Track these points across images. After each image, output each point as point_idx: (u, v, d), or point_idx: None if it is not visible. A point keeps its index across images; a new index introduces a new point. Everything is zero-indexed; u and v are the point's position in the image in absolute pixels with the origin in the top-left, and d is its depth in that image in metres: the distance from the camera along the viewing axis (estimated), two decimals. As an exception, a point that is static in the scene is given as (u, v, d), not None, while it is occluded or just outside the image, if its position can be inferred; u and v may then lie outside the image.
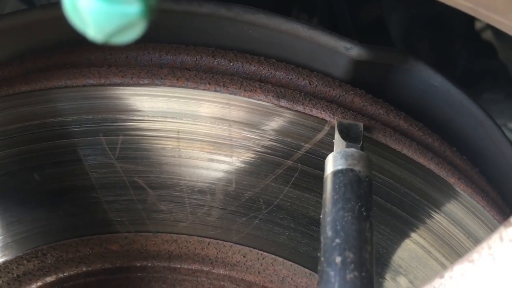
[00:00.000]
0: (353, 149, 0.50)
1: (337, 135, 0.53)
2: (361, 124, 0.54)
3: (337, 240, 0.44)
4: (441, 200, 0.59)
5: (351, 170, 0.48)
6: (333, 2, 1.14)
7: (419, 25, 1.17)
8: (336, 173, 0.49)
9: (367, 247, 0.44)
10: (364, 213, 0.46)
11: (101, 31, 0.25)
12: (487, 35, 1.25)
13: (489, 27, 1.22)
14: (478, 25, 1.25)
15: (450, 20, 1.16)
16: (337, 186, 0.48)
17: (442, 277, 0.38)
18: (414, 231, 0.61)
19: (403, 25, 1.17)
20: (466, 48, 1.24)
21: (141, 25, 0.25)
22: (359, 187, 0.48)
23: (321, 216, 0.48)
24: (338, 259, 0.42)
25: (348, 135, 0.53)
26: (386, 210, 0.60)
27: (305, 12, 1.19)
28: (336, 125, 0.54)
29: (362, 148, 0.51)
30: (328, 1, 1.17)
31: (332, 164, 0.50)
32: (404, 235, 0.61)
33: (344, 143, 0.52)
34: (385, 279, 0.65)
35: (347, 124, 0.54)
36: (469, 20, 1.20)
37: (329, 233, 0.45)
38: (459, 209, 0.59)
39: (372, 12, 1.19)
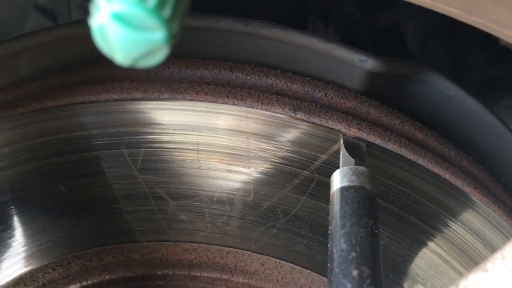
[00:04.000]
0: (363, 168, 0.52)
1: (343, 151, 0.54)
2: (364, 144, 0.56)
3: (353, 254, 0.45)
4: (458, 209, 0.60)
5: (363, 187, 0.50)
6: (348, 11, 1.15)
7: (435, 32, 1.17)
8: (348, 189, 0.50)
9: (380, 263, 0.45)
10: (376, 231, 0.47)
11: (128, 56, 0.27)
12: (505, 41, 1.25)
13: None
14: (495, 31, 1.25)
15: (467, 27, 1.16)
16: (350, 201, 0.49)
17: (457, 286, 0.39)
18: (431, 240, 0.62)
19: (419, 33, 1.17)
20: (483, 55, 1.23)
21: (165, 50, 0.27)
22: (371, 205, 0.49)
23: (330, 227, 0.49)
24: (355, 273, 0.43)
25: (354, 153, 0.54)
26: (403, 220, 0.61)
27: (320, 21, 1.20)
28: (342, 142, 0.55)
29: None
30: (343, 11, 1.17)
31: (342, 179, 0.51)
32: (421, 244, 0.62)
33: (352, 160, 0.53)
34: (403, 287, 0.65)
35: (352, 142, 0.56)
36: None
37: (344, 246, 0.46)
38: (476, 218, 0.60)
39: (388, 20, 1.20)
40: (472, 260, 0.61)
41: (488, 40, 1.22)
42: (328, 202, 0.60)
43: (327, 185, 0.59)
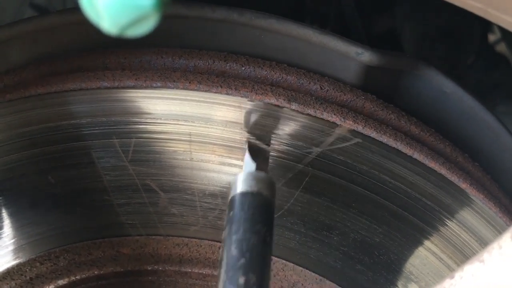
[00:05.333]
0: (263, 174, 0.52)
1: (247, 156, 0.55)
2: (269, 150, 0.56)
3: (242, 261, 0.44)
4: (453, 206, 0.59)
5: (261, 194, 0.50)
6: (346, 13, 1.15)
7: (432, 37, 1.17)
8: (246, 194, 0.50)
9: (269, 272, 0.45)
10: (268, 238, 0.47)
11: (116, 23, 0.26)
12: (501, 48, 1.25)
13: (503, 39, 1.22)
14: (491, 38, 1.25)
15: (463, 33, 1.16)
16: (246, 207, 0.49)
17: (452, 277, 0.38)
18: (425, 237, 0.61)
19: (416, 37, 1.17)
20: (479, 61, 1.23)
21: (154, 17, 0.26)
22: (267, 212, 0.49)
23: (224, 232, 0.49)
24: (242, 280, 0.43)
25: (258, 158, 0.54)
26: (397, 216, 0.60)
27: (317, 23, 1.20)
28: (247, 146, 0.55)
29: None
30: (340, 12, 1.17)
31: (242, 184, 0.50)
32: (416, 241, 0.61)
33: (254, 165, 0.53)
34: (396, 286, 0.64)
35: (257, 147, 0.56)
36: (483, 32, 1.20)
37: (234, 252, 0.45)
38: (471, 215, 0.59)
39: (385, 24, 1.20)
40: (467, 259, 0.61)
41: (484, 47, 1.22)
42: (321, 196, 0.60)
43: (322, 179, 0.59)
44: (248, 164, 0.54)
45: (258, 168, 0.53)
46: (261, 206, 0.49)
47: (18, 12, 1.09)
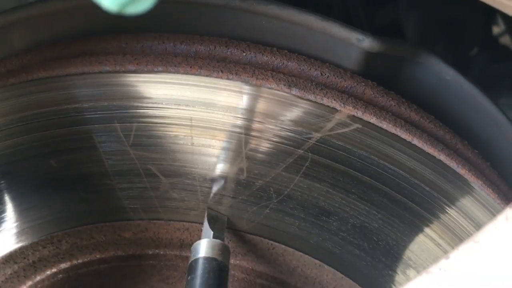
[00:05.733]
0: (219, 241, 0.61)
1: (206, 224, 0.63)
2: (226, 218, 0.64)
3: None
4: (452, 192, 0.59)
5: (215, 259, 0.59)
6: (349, 5, 1.15)
7: (435, 29, 1.17)
8: (202, 259, 0.59)
9: None
10: None
11: (115, 1, 0.26)
12: (505, 40, 1.25)
13: (506, 31, 1.21)
14: (495, 30, 1.25)
15: (467, 24, 1.16)
16: (201, 272, 0.58)
17: (447, 258, 0.38)
18: (424, 223, 0.61)
19: (419, 29, 1.17)
20: (483, 53, 1.23)
21: (153, -6, 0.26)
22: (220, 276, 0.59)
23: None
24: None
25: (215, 225, 0.63)
26: (396, 201, 0.60)
27: (320, 14, 1.20)
28: (206, 214, 0.63)
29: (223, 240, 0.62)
30: (343, 4, 1.17)
31: (201, 250, 0.60)
32: (414, 227, 0.62)
33: (211, 232, 0.61)
34: (395, 271, 0.65)
35: (215, 215, 0.64)
36: (486, 24, 1.20)
37: None
38: (470, 202, 0.59)
39: (387, 16, 1.19)
40: (465, 245, 0.61)
41: (487, 39, 1.22)
42: (321, 182, 0.60)
43: (321, 165, 0.59)
44: (207, 231, 0.62)
45: (214, 236, 0.61)
46: (215, 271, 0.58)
47: (21, 1, 1.10)
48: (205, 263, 0.58)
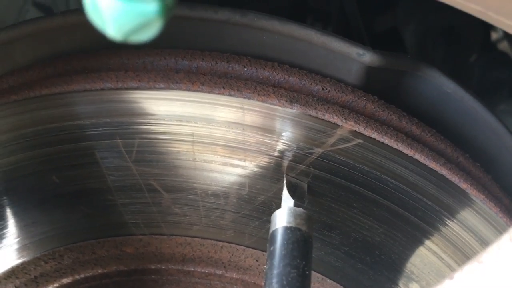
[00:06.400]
0: (301, 209, 0.55)
1: (285, 192, 0.57)
2: (306, 185, 0.59)
3: None
4: (454, 206, 0.59)
5: (299, 229, 0.53)
6: (348, 13, 1.15)
7: (434, 35, 1.17)
8: (285, 229, 0.53)
9: None
10: (307, 272, 0.50)
11: (120, 29, 0.26)
12: (503, 46, 1.25)
13: (505, 37, 1.22)
14: (494, 36, 1.25)
15: (466, 31, 1.16)
16: (285, 242, 0.52)
17: (451, 278, 0.38)
18: (426, 237, 0.61)
19: (418, 36, 1.17)
20: (482, 59, 1.23)
21: (158, 24, 0.26)
22: (305, 247, 0.53)
23: (265, 266, 0.51)
24: None
25: (295, 193, 0.57)
26: (399, 216, 0.60)
27: (319, 22, 1.20)
28: (285, 182, 0.58)
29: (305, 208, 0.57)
30: (342, 12, 1.17)
31: (281, 219, 0.54)
32: (417, 241, 0.62)
33: (292, 200, 0.56)
34: (397, 285, 0.65)
35: (294, 182, 0.58)
36: (485, 30, 1.20)
37: (275, 286, 0.48)
38: (472, 216, 0.59)
39: (386, 23, 1.20)
40: (467, 258, 0.61)
41: (486, 45, 1.22)
42: (323, 196, 0.60)
43: (323, 180, 0.59)
44: (286, 200, 0.57)
45: (296, 204, 0.56)
46: (300, 241, 0.52)
47: (21, 10, 1.10)
48: (288, 233, 0.53)
